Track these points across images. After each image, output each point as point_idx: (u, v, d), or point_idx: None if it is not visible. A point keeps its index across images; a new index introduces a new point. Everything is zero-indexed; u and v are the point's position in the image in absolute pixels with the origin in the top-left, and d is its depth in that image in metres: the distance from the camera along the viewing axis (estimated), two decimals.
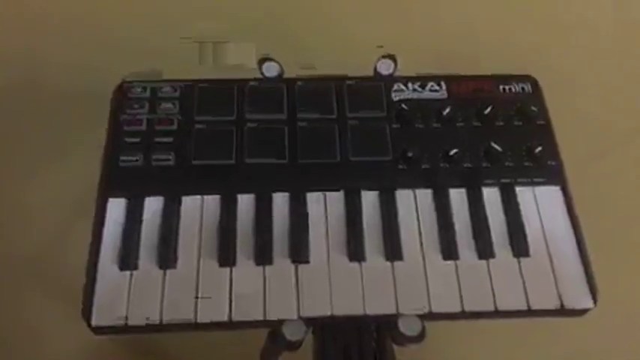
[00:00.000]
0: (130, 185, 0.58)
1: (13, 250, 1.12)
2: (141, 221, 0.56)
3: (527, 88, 0.64)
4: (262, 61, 0.65)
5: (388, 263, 0.55)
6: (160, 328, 0.52)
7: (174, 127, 0.61)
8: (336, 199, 0.58)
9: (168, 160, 0.59)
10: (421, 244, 0.56)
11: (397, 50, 0.68)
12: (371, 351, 0.58)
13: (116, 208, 0.57)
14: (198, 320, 0.52)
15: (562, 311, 0.54)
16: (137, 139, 0.60)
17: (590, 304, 0.54)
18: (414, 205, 0.58)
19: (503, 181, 0.59)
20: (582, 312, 0.54)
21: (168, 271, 0.54)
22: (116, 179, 0.58)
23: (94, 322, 0.52)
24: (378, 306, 0.53)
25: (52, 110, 1.18)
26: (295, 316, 0.53)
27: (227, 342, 0.80)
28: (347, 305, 0.53)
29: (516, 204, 0.58)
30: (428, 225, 0.57)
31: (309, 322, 0.52)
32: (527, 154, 0.60)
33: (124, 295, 0.53)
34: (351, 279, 0.54)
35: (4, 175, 1.19)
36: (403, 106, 0.62)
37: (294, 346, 0.52)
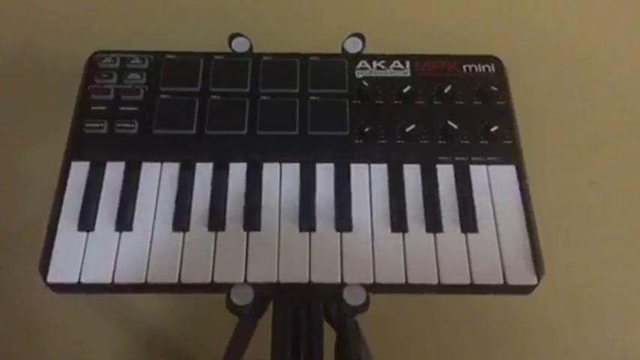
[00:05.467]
0: (93, 150, 0.60)
1: (7, 223, 1.16)
2: (101, 185, 0.58)
3: (491, 68, 0.64)
4: (232, 36, 0.67)
5: (337, 234, 0.56)
6: (112, 287, 0.54)
7: (140, 97, 0.62)
8: (291, 170, 0.59)
9: (132, 127, 0.61)
10: (371, 216, 0.57)
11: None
12: (320, 322, 0.59)
13: (79, 172, 0.59)
14: (149, 281, 0.54)
15: (505, 287, 0.54)
16: (103, 108, 0.62)
17: (533, 280, 0.54)
18: (367, 179, 0.59)
19: (457, 158, 0.60)
20: (526, 289, 0.54)
21: (123, 234, 0.56)
22: (80, 144, 0.60)
23: (49, 279, 0.54)
24: (324, 275, 0.54)
25: (46, 86, 1.22)
26: (242, 281, 0.54)
27: None
28: (293, 273, 0.54)
29: (469, 181, 0.59)
30: (380, 199, 0.58)
31: (257, 288, 0.53)
32: (484, 132, 0.60)
33: (80, 255, 0.55)
34: (300, 248, 0.56)
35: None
36: (364, 82, 0.63)
37: (242, 311, 0.54)
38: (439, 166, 0.59)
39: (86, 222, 0.56)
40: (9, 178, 1.19)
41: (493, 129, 0.60)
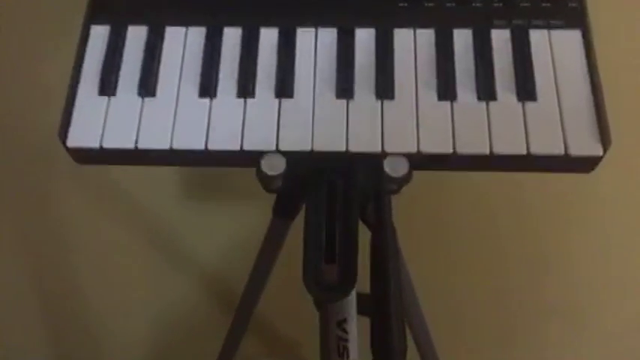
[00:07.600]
0: (113, 13, 0.55)
1: (35, 131, 1.15)
2: (122, 49, 0.54)
3: None
4: None
5: (378, 101, 0.51)
6: (136, 154, 0.51)
7: None
8: (328, 35, 0.54)
9: None
10: (416, 83, 0.51)
11: None
12: (356, 196, 0.55)
13: (99, 36, 0.55)
14: (174, 147, 0.50)
15: (567, 159, 0.48)
16: None
17: (598, 151, 0.48)
18: (412, 45, 0.53)
19: (515, 22, 0.53)
20: (590, 162, 0.49)
21: (146, 99, 0.52)
22: (100, 6, 0.55)
23: (68, 143, 0.51)
24: (363, 143, 0.50)
25: None
26: (273, 149, 0.50)
27: None
28: (329, 141, 0.50)
29: (528, 46, 0.52)
30: (425, 66, 0.52)
31: (290, 157, 0.49)
32: None
33: (101, 119, 0.52)
34: (337, 116, 0.51)
35: (22, 57, 1.21)
36: None
37: (273, 183, 0.50)
38: (494, 31, 0.53)
39: (107, 86, 0.52)
40: (33, 87, 1.18)
41: None
